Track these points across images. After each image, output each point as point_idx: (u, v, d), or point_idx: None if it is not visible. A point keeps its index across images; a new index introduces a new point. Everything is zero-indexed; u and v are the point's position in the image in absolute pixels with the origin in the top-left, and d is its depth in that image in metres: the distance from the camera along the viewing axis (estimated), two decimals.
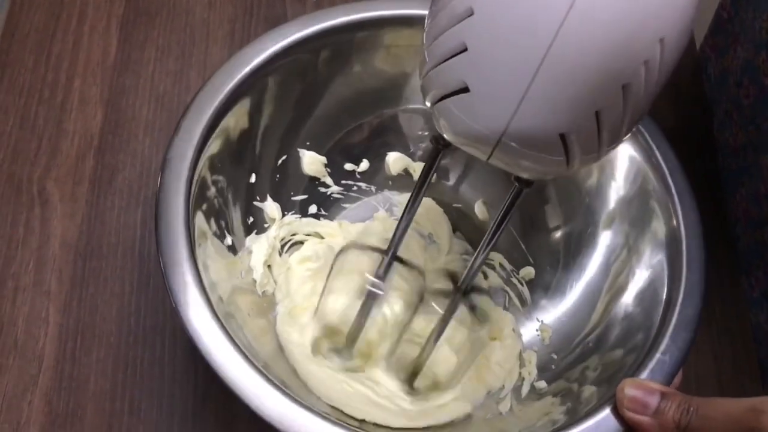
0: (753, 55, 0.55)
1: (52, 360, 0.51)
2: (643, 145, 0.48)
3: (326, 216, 0.55)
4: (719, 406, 0.35)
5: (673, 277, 0.44)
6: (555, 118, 0.32)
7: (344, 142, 0.55)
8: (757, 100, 0.55)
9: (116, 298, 0.54)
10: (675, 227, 0.46)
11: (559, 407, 0.43)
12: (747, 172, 0.57)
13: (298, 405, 0.39)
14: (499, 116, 0.32)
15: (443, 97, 0.33)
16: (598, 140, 0.33)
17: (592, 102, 0.31)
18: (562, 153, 0.33)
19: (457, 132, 0.35)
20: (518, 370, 0.50)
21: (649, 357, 0.41)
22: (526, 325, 0.52)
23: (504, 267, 0.54)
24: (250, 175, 0.51)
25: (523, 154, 0.33)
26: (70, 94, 0.61)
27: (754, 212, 0.55)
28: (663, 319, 0.43)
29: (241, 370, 0.39)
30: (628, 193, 0.49)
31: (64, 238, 0.55)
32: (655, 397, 0.38)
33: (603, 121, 0.32)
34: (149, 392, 0.51)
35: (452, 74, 0.32)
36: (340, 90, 0.52)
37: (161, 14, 0.66)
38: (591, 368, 0.45)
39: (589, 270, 0.50)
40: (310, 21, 0.49)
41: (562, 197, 0.52)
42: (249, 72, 0.47)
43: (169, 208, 0.43)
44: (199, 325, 0.40)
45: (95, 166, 0.58)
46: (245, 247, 0.50)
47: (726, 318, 0.56)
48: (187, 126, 0.45)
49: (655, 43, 0.30)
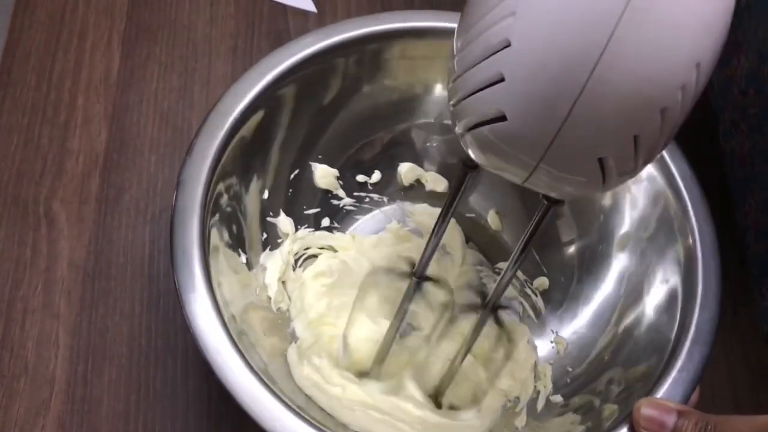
0: (757, 65, 0.56)
1: (64, 383, 0.51)
2: (661, 163, 0.48)
3: (339, 228, 0.55)
4: (737, 423, 0.35)
5: (688, 294, 0.44)
6: (594, 144, 0.32)
7: (357, 156, 0.55)
8: (762, 110, 0.56)
9: (126, 319, 0.53)
10: (691, 245, 0.46)
11: (579, 426, 0.43)
12: (755, 181, 0.57)
13: (310, 425, 0.38)
14: (538, 144, 0.32)
15: (477, 125, 0.33)
16: (634, 162, 0.33)
17: (631, 127, 0.31)
18: (600, 176, 0.33)
19: (492, 159, 0.35)
20: (533, 383, 0.49)
21: (666, 375, 0.41)
22: (541, 337, 0.52)
23: (518, 277, 0.54)
24: (263, 191, 0.50)
25: (560, 179, 0.33)
26: (74, 112, 0.61)
27: (764, 221, 0.56)
28: (678, 336, 0.43)
29: (256, 392, 0.39)
30: (644, 210, 0.49)
31: (72, 258, 0.55)
32: (672, 417, 0.38)
33: (641, 144, 0.32)
34: (162, 413, 0.50)
35: (489, 103, 0.32)
36: (352, 106, 0.52)
37: (163, 30, 0.65)
38: (608, 384, 0.45)
39: (603, 284, 0.50)
40: (320, 36, 0.49)
41: (576, 212, 0.52)
42: (260, 90, 0.47)
43: (184, 228, 0.43)
44: (213, 346, 0.40)
45: (101, 185, 0.58)
46: (260, 264, 0.50)
47: (738, 327, 0.56)
48: (199, 146, 0.45)
49: (692, 68, 0.30)
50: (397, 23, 0.51)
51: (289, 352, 0.47)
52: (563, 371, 0.49)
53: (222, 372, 0.40)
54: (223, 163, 0.45)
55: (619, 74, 0.29)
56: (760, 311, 0.56)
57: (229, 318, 0.42)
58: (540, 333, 0.52)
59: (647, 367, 0.43)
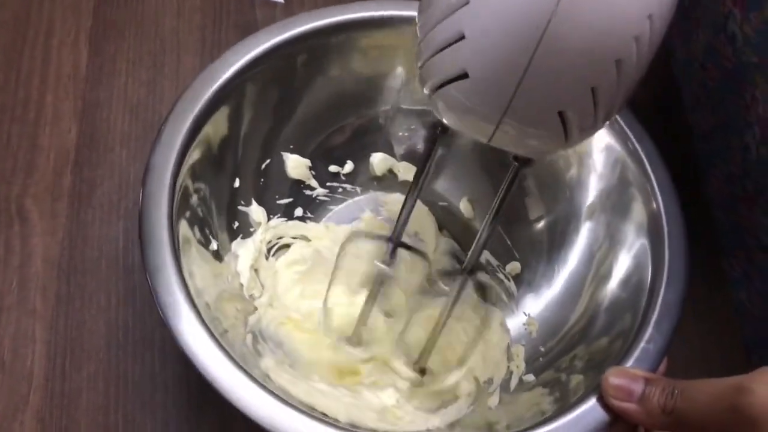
0: (713, 38, 0.57)
1: (42, 378, 0.51)
2: (620, 133, 0.49)
3: (312, 218, 0.56)
4: (703, 386, 0.36)
5: (656, 265, 0.45)
6: (553, 96, 0.33)
7: (327, 144, 0.55)
8: (721, 83, 0.57)
9: (103, 312, 0.53)
10: (656, 214, 0.46)
11: (548, 397, 0.44)
12: (719, 155, 0.58)
13: (289, 407, 0.39)
14: (499, 99, 0.33)
15: (443, 84, 0.34)
16: (594, 115, 0.34)
17: (588, 79, 0.32)
18: (561, 130, 0.34)
19: (458, 117, 0.36)
20: (506, 364, 0.50)
21: (634, 346, 0.42)
22: (514, 319, 0.53)
23: (490, 263, 0.55)
24: (234, 179, 0.51)
25: (523, 133, 0.35)
26: (43, 109, 0.61)
27: (729, 193, 0.57)
28: (647, 307, 0.44)
29: (233, 377, 0.40)
30: (609, 182, 0.50)
31: (46, 255, 0.55)
32: (640, 384, 0.38)
33: (599, 96, 0.33)
34: (142, 404, 0.51)
35: (451, 62, 0.33)
36: (319, 93, 0.52)
37: (130, 25, 0.65)
38: (578, 358, 0.46)
39: (572, 260, 0.51)
40: (286, 27, 0.50)
41: (542, 188, 0.53)
42: (228, 79, 0.47)
43: (152, 216, 0.43)
44: (187, 334, 0.40)
45: (73, 181, 0.58)
46: (231, 251, 0.50)
47: (709, 298, 0.57)
48: (167, 134, 0.45)
49: (644, 19, 0.31)
50: (363, 12, 0.51)
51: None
52: (536, 351, 0.50)
53: (198, 360, 0.40)
54: (192, 152, 0.46)
55: (573, 27, 0.30)
56: (730, 282, 0.57)
57: (203, 306, 0.42)
58: (513, 316, 0.53)
59: (616, 339, 0.44)
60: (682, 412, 0.36)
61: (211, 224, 0.49)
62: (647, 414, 0.37)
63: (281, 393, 0.40)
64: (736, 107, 0.54)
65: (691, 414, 0.36)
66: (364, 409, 0.45)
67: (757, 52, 0.51)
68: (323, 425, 0.38)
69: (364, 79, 0.53)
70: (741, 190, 0.55)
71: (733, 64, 0.54)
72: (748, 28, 0.51)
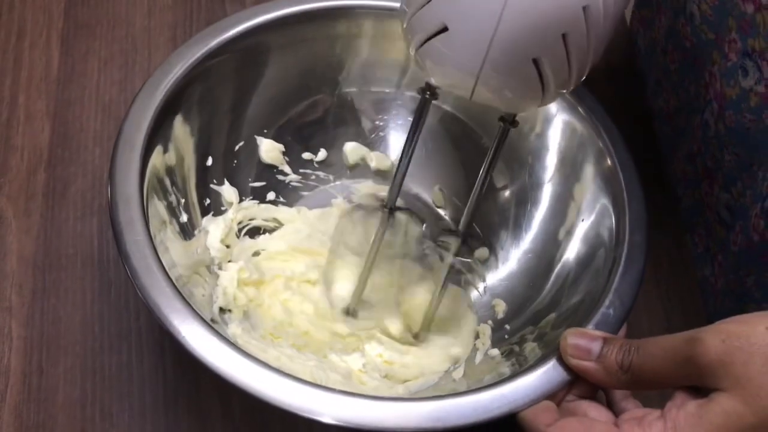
0: (673, 21, 0.58)
1: (19, 374, 0.51)
2: (572, 103, 0.51)
3: (284, 203, 0.57)
4: (658, 341, 0.37)
5: (618, 236, 0.46)
6: (526, 43, 0.35)
7: (299, 121, 0.56)
8: (682, 65, 0.58)
9: (79, 308, 0.54)
10: (618, 190, 0.48)
11: (505, 362, 0.45)
12: (681, 134, 0.59)
13: (262, 366, 0.39)
14: (477, 49, 0.36)
15: (426, 40, 0.37)
16: (568, 66, 0.36)
17: (558, 25, 0.35)
18: (538, 80, 0.37)
19: (441, 71, 0.39)
20: (473, 343, 0.51)
21: (594, 312, 0.43)
22: (481, 301, 0.54)
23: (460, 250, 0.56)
24: (206, 158, 0.52)
25: (502, 84, 0.37)
26: (16, 110, 0.61)
27: (691, 171, 0.58)
28: (608, 275, 0.45)
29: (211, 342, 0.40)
30: (565, 147, 0.52)
31: (21, 253, 0.55)
32: (598, 343, 0.39)
33: (570, 43, 0.35)
34: (119, 396, 0.51)
35: (431, 17, 0.37)
36: (289, 69, 0.54)
37: (101, 25, 0.66)
38: (542, 329, 0.47)
39: (537, 235, 0.53)
40: (254, 13, 0.52)
41: (506, 157, 0.54)
42: (196, 60, 0.49)
43: (123, 184, 0.45)
44: (160, 299, 0.41)
45: (47, 180, 0.58)
46: (202, 227, 0.51)
47: (674, 275, 0.58)
48: (138, 105, 0.47)
49: None
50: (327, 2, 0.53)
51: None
52: (501, 329, 0.51)
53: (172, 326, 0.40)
54: (162, 128, 0.48)
55: None
56: (693, 259, 0.59)
57: (176, 277, 0.43)
58: (480, 298, 0.54)
59: (580, 305, 0.45)
60: (638, 368, 0.37)
61: (182, 199, 0.50)
62: (606, 372, 0.38)
63: None
64: (696, 86, 0.55)
65: (648, 368, 0.37)
66: (328, 371, 0.46)
67: (714, 29, 0.52)
68: (292, 381, 0.38)
69: (333, 62, 0.55)
70: (702, 166, 0.56)
71: (692, 43, 0.55)
72: (705, 5, 0.52)
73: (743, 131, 0.50)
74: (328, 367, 0.47)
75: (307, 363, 0.46)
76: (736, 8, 0.49)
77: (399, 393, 0.47)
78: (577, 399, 0.40)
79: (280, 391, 0.38)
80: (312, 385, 0.38)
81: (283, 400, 0.38)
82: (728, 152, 0.52)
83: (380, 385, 0.47)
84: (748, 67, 0.48)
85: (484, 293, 0.54)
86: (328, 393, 0.38)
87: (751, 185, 0.50)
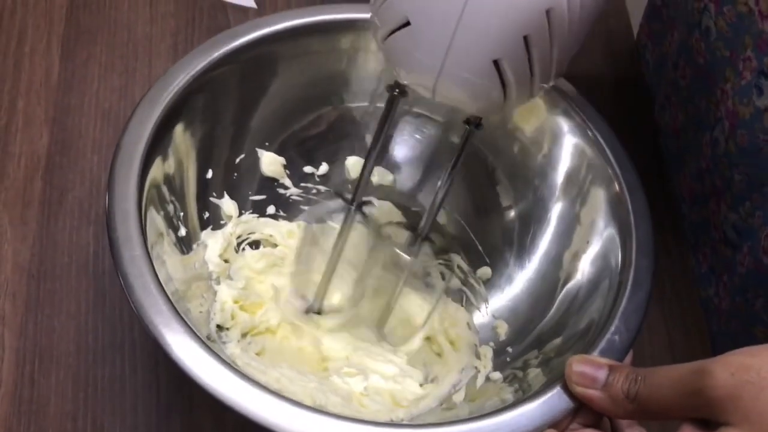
0: (687, 36, 0.57)
1: (11, 385, 0.51)
2: (581, 124, 0.50)
3: (285, 217, 0.56)
4: (666, 372, 0.36)
5: (624, 262, 0.45)
6: (487, 43, 0.35)
7: (302, 135, 0.56)
8: (693, 80, 0.57)
9: (73, 318, 0.53)
10: (625, 216, 0.47)
11: (508, 388, 0.44)
12: (688, 151, 0.58)
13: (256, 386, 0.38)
14: (439, 45, 0.36)
15: (390, 34, 0.38)
16: (530, 69, 0.36)
17: (519, 27, 0.35)
18: (498, 81, 0.36)
19: (404, 65, 0.39)
20: (474, 365, 0.50)
21: (600, 338, 0.42)
22: (483, 322, 0.53)
23: (462, 269, 0.55)
24: (207, 171, 0.51)
25: (463, 84, 0.37)
26: (14, 116, 0.60)
27: (698, 189, 0.57)
28: (614, 301, 0.44)
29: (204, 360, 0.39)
30: (572, 170, 0.50)
31: (16, 261, 0.55)
32: (603, 371, 0.38)
33: (532, 46, 0.35)
34: (111, 409, 0.50)
35: (395, 10, 0.37)
36: (291, 83, 0.53)
37: (102, 31, 0.65)
38: (545, 353, 0.46)
39: (542, 258, 0.51)
40: (259, 25, 0.51)
41: (511, 177, 0.54)
42: (198, 72, 0.48)
43: (121, 197, 0.44)
44: (157, 318, 0.40)
45: (44, 187, 0.58)
46: (201, 240, 0.51)
47: (677, 294, 0.58)
48: (137, 118, 0.46)
49: None
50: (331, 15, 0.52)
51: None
52: (503, 352, 0.50)
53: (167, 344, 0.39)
54: (162, 141, 0.47)
55: None
56: (697, 278, 0.58)
57: (172, 293, 0.42)
58: (482, 319, 0.53)
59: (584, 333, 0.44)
60: (645, 398, 0.36)
61: (181, 212, 0.49)
62: (611, 400, 0.37)
63: None
64: (706, 103, 0.55)
65: (655, 399, 0.36)
66: (329, 393, 0.45)
67: (729, 46, 0.51)
68: (290, 405, 0.38)
69: (337, 75, 0.54)
70: (710, 184, 0.55)
71: (706, 59, 0.54)
72: (722, 21, 0.52)
73: (755, 151, 0.49)
74: (328, 389, 0.46)
75: (308, 385, 0.45)
76: (753, 25, 0.48)
77: (399, 417, 0.46)
78: (582, 427, 0.39)
79: (276, 414, 0.37)
80: (309, 409, 0.38)
81: (279, 424, 0.37)
82: (738, 171, 0.51)
83: (381, 408, 0.46)
84: (764, 86, 0.47)
85: (486, 314, 0.53)
86: (325, 417, 0.37)
87: (761, 206, 0.49)
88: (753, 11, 0.48)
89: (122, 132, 0.46)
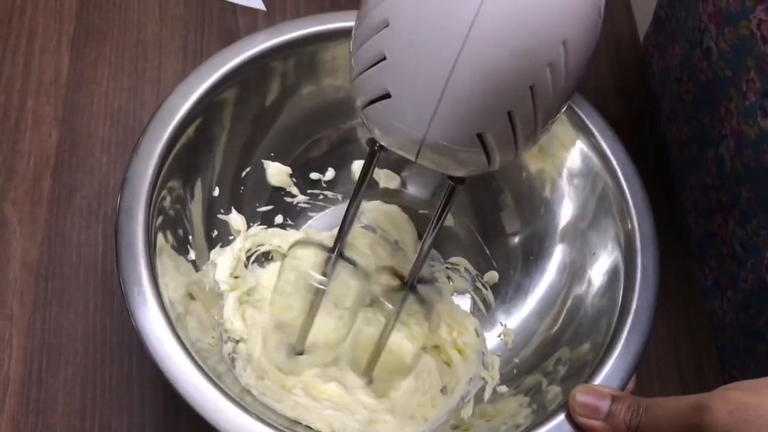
0: (689, 53, 0.57)
1: (18, 384, 0.51)
2: (598, 150, 0.49)
3: (293, 226, 0.55)
4: (667, 404, 0.37)
5: (629, 282, 0.45)
6: (470, 118, 0.34)
7: (307, 154, 0.55)
8: (696, 96, 0.57)
9: (81, 317, 0.53)
10: (630, 232, 0.46)
11: (526, 409, 0.44)
12: (694, 165, 0.59)
13: (254, 418, 0.39)
14: (420, 119, 0.34)
15: (369, 103, 0.36)
16: (514, 139, 0.35)
17: (503, 103, 0.34)
18: (482, 152, 0.35)
19: (385, 134, 0.37)
20: (481, 375, 0.50)
21: (603, 363, 0.42)
22: (490, 329, 0.53)
23: (469, 271, 0.55)
24: (213, 188, 0.51)
25: (447, 153, 0.36)
26: (24, 114, 0.61)
27: (704, 203, 0.57)
28: (618, 323, 0.44)
29: (204, 390, 0.40)
30: (585, 201, 0.50)
31: (25, 259, 0.55)
32: (606, 402, 0.39)
33: (516, 120, 0.34)
34: (119, 409, 0.51)
35: (375, 81, 0.35)
36: (297, 103, 0.53)
37: (112, 31, 0.65)
38: (556, 364, 0.46)
39: (547, 273, 0.51)
40: (267, 36, 0.50)
41: (518, 204, 0.54)
42: (207, 89, 0.47)
43: (129, 228, 0.43)
44: (161, 348, 0.41)
45: (53, 186, 0.58)
46: (210, 261, 0.50)
47: (683, 306, 0.58)
48: (145, 144, 0.45)
49: (557, 45, 0.32)
50: (342, 22, 0.51)
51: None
52: (510, 363, 0.50)
53: (170, 372, 0.41)
54: (171, 161, 0.46)
55: (486, 51, 0.31)
56: (703, 290, 0.58)
57: (175, 318, 0.42)
58: (489, 326, 0.53)
59: (588, 353, 0.45)
60: (646, 429, 0.37)
61: (189, 234, 0.49)
62: (613, 431, 0.38)
63: (263, 409, 0.40)
64: (711, 120, 0.55)
65: (656, 431, 0.37)
66: (345, 419, 0.46)
67: (731, 67, 0.52)
68: None
69: (343, 91, 0.53)
70: (716, 200, 0.55)
71: (708, 78, 0.54)
72: (723, 43, 0.52)
73: (762, 171, 0.49)
74: (344, 414, 0.46)
75: (323, 412, 0.45)
76: (756, 48, 0.48)
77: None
78: None
79: None
80: None
81: None
82: (746, 189, 0.51)
83: (395, 429, 0.46)
84: None
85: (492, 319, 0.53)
86: None
87: (767, 225, 0.50)
88: (755, 35, 0.48)
89: (127, 166, 0.45)
